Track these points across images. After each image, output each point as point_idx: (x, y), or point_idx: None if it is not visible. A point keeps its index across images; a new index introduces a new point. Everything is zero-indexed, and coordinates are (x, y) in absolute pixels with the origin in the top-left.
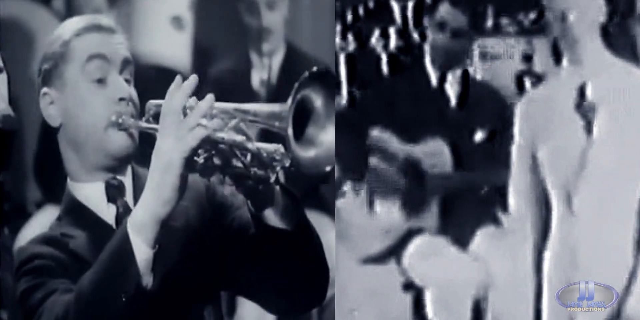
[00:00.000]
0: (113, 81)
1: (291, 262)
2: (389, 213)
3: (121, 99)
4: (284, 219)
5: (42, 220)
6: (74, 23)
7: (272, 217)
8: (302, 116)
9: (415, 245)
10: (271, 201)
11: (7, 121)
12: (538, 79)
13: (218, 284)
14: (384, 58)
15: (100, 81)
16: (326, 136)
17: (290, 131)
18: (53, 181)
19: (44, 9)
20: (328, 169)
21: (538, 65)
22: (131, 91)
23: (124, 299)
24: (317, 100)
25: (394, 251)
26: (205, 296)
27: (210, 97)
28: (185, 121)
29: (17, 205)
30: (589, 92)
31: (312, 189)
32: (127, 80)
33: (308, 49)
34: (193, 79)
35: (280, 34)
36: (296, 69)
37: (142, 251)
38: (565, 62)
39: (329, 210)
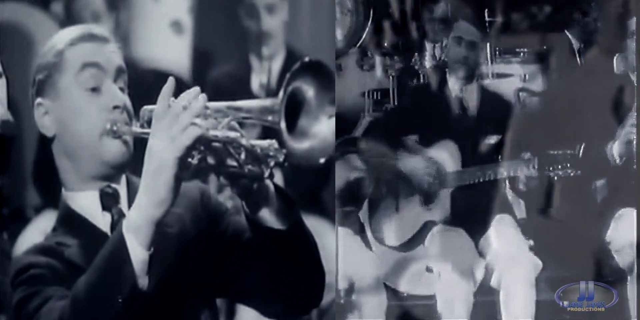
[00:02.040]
0: (107, 89)
1: (286, 264)
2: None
3: (115, 107)
4: (279, 219)
5: (41, 225)
6: (68, 33)
7: (267, 216)
8: (296, 108)
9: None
10: (266, 201)
11: (6, 126)
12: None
13: (214, 289)
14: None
15: (95, 90)
16: (320, 127)
17: (282, 124)
18: (52, 186)
19: (43, 13)
20: (322, 160)
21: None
22: (125, 99)
23: (119, 300)
24: (309, 91)
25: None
26: (201, 301)
27: (202, 96)
28: (178, 121)
29: (16, 209)
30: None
31: (312, 194)
32: (121, 89)
33: (308, 52)
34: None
35: (280, 38)
36: None
37: (138, 252)
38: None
39: (330, 215)
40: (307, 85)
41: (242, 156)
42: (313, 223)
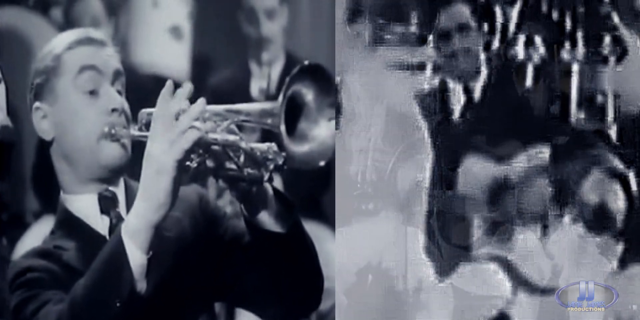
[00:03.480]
0: (105, 92)
1: (285, 267)
2: None
3: (113, 110)
4: (277, 222)
5: (40, 231)
6: (65, 37)
7: (266, 219)
8: (295, 112)
9: None
10: (264, 204)
11: (6, 132)
12: None
13: (212, 293)
14: None
15: (92, 93)
16: (319, 130)
17: (282, 127)
18: (51, 191)
19: (42, 19)
20: (322, 163)
21: None
22: (123, 102)
23: (117, 305)
24: (309, 95)
25: None
26: (200, 305)
27: (201, 100)
28: (178, 124)
29: (15, 215)
30: None
31: (312, 198)
32: (118, 92)
33: (307, 57)
34: (188, 86)
35: (279, 43)
36: None
37: (136, 256)
38: None
39: (329, 220)
40: (307, 88)
41: (242, 159)
42: (312, 227)
